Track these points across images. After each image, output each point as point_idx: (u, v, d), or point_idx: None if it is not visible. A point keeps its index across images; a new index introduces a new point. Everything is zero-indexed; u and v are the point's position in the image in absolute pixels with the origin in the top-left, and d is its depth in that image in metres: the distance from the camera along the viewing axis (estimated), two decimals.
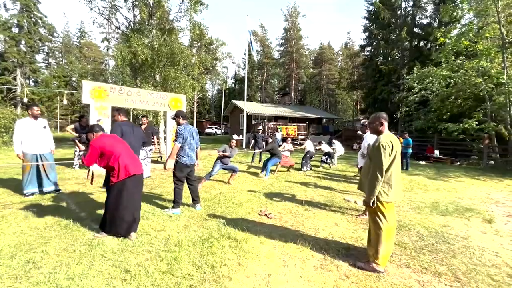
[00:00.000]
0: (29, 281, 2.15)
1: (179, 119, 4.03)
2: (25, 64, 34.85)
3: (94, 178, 3.72)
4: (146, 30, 13.46)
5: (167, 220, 3.69)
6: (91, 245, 2.83)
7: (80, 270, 2.33)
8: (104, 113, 7.54)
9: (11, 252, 2.62)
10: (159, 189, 5.51)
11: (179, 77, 13.38)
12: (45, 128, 4.93)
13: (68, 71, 41.70)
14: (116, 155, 2.91)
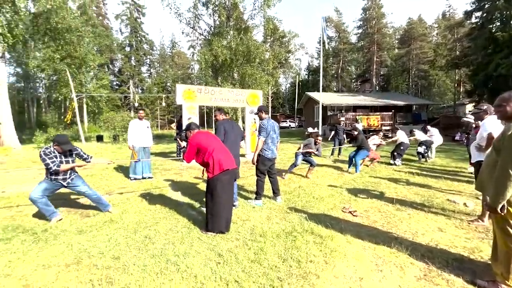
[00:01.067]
0: (147, 253, 2.61)
1: (262, 113, 4.14)
2: (134, 76, 42.84)
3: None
4: (225, 32, 14.41)
5: (251, 211, 3.88)
6: (189, 228, 3.24)
7: (183, 249, 2.69)
8: (193, 112, 8.51)
9: (134, 228, 3.25)
10: (241, 180, 5.86)
11: (255, 73, 13.87)
12: (148, 128, 6.09)
13: (164, 78, 49.10)
14: (210, 151, 3.10)
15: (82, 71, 20.41)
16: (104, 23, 40.26)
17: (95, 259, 2.50)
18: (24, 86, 34.82)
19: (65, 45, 16.26)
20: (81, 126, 20.03)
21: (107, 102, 31.28)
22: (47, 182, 3.35)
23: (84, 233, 3.09)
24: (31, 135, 17.53)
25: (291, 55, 43.59)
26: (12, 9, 11.62)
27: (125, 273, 2.26)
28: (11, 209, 3.97)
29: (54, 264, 2.41)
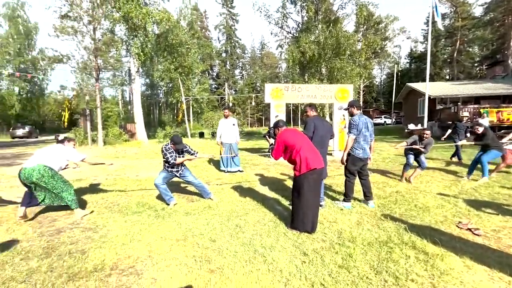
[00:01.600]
0: (238, 241, 2.85)
1: (353, 109, 3.83)
2: (229, 79, 47.46)
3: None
4: (313, 26, 14.05)
5: (338, 213, 3.66)
6: (275, 222, 3.35)
7: (270, 242, 2.80)
8: (281, 110, 8.71)
9: (227, 215, 3.61)
10: (328, 179, 5.61)
11: (345, 66, 12.96)
12: (233, 125, 6.63)
13: (254, 78, 52.33)
14: (297, 148, 3.08)
15: (189, 78, 24.14)
16: (206, 34, 46.28)
17: (197, 238, 2.92)
18: (150, 93, 44.08)
19: (177, 57, 19.59)
20: (188, 124, 23.72)
21: (207, 104, 35.88)
22: (165, 172, 4.03)
23: (189, 215, 3.66)
24: (154, 132, 22.08)
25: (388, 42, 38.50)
26: (144, 33, 14.86)
27: (220, 255, 2.54)
28: (142, 190, 5.11)
29: (169, 237, 2.95)
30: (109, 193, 4.82)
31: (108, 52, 13.88)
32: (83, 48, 12.76)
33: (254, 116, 52.70)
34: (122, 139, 16.43)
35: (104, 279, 2.17)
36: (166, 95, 35.92)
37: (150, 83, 40.54)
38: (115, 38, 14.95)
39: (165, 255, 2.57)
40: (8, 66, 31.03)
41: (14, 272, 2.27)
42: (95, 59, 13.06)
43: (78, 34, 12.52)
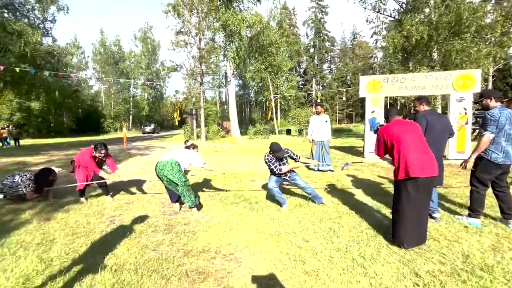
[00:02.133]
0: (332, 245, 2.69)
1: (489, 100, 2.96)
2: (317, 74, 46.11)
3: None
4: (422, 4, 11.87)
5: (461, 230, 2.95)
6: (374, 230, 2.99)
7: (369, 252, 2.51)
8: (378, 104, 7.78)
9: (319, 217, 3.48)
10: (442, 188, 4.63)
11: (468, 47, 10.37)
12: (326, 122, 6.29)
13: (344, 72, 48.98)
14: (399, 148, 2.59)
15: (278, 76, 24.80)
16: (294, 31, 46.31)
17: (290, 235, 2.93)
18: (242, 93, 47.84)
19: (267, 57, 20.40)
20: (276, 121, 24.46)
21: (294, 101, 36.04)
22: (275, 177, 3.87)
23: (280, 211, 3.72)
24: (245, 129, 23.85)
25: None
26: (238, 38, 16.15)
27: (314, 258, 2.46)
28: (237, 182, 5.57)
29: (263, 231, 3.08)
30: (211, 184, 5.48)
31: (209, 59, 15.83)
32: (191, 57, 14.99)
33: (343, 112, 49.45)
34: (219, 135, 18.52)
35: (210, 261, 2.45)
36: (256, 94, 38.14)
37: (242, 83, 43.95)
38: (215, 45, 16.89)
39: (261, 247, 2.68)
40: (141, 77, 39.93)
41: (148, 242, 2.86)
42: (200, 65, 15.13)
43: (188, 45, 14.78)
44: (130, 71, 40.30)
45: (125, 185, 5.38)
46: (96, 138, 24.81)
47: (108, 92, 41.17)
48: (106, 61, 39.35)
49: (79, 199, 4.36)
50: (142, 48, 41.26)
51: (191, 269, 2.30)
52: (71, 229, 3.22)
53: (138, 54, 41.15)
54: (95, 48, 39.94)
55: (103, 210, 3.96)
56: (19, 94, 15.45)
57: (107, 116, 37.95)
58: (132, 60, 41.12)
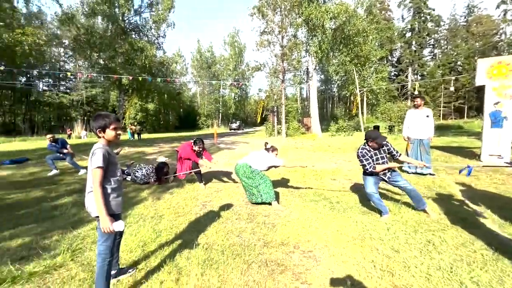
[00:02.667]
0: (431, 262, 2.28)
1: None
2: (414, 62, 39.69)
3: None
4: None
5: None
6: (495, 253, 2.36)
7: (487, 279, 2.01)
8: (505, 93, 6.08)
9: (414, 226, 3.01)
10: None
11: None
12: (427, 117, 5.29)
13: (453, 56, 40.31)
14: None
15: (365, 68, 22.61)
16: (386, 15, 41.05)
17: (375, 242, 2.66)
18: (324, 88, 45.99)
19: (353, 48, 18.87)
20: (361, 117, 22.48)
21: (385, 94, 32.13)
22: (372, 177, 3.35)
23: (365, 214, 3.41)
24: (327, 125, 22.89)
25: None
26: (321, 31, 15.54)
27: (406, 272, 2.15)
28: (317, 180, 5.43)
29: (345, 233, 2.90)
30: (289, 180, 5.52)
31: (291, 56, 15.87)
32: (274, 56, 15.40)
33: (449, 105, 40.83)
34: (299, 132, 18.42)
35: (289, 254, 2.49)
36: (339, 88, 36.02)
37: (324, 78, 42.25)
38: (297, 41, 16.79)
39: (341, 250, 2.54)
40: (229, 79, 43.82)
41: (232, 228, 3.14)
42: (281, 63, 15.38)
43: (271, 44, 15.25)
44: (220, 74, 44.86)
45: (216, 174, 6.05)
46: (193, 133, 28.76)
47: (203, 93, 47.00)
48: (201, 66, 44.96)
49: (179, 183, 5.19)
50: (230, 51, 45.08)
51: (271, 260, 2.39)
52: (174, 209, 3.86)
53: (227, 57, 45.22)
54: (193, 55, 46.22)
55: (198, 195, 4.57)
56: (140, 98, 19.91)
57: (202, 114, 43.54)
58: (221, 64, 45.58)
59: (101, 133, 1.87)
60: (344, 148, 10.33)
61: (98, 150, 1.81)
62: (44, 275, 2.20)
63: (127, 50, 13.51)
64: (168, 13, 14.52)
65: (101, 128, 1.86)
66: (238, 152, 9.95)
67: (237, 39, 45.27)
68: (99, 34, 13.14)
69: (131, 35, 14.26)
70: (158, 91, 17.29)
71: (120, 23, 13.55)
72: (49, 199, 4.49)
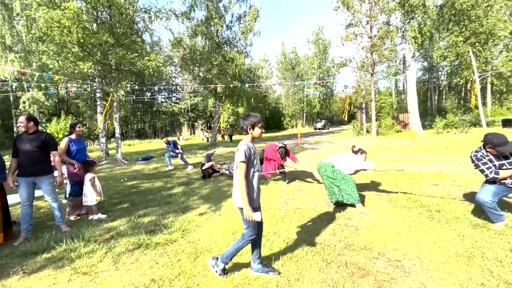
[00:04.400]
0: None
1: None
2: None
3: None
4: None
5: None
6: None
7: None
8: None
9: None
10: None
11: None
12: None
13: None
14: None
15: (488, 47, 17.84)
16: None
17: (489, 263, 2.19)
18: (428, 77, 38.89)
19: (469, 24, 15.25)
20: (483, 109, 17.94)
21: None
22: (494, 186, 2.76)
23: (477, 228, 2.82)
24: (431, 121, 19.33)
25: None
26: (422, 10, 13.28)
27: None
28: (413, 184, 4.77)
29: (445, 246, 2.50)
30: (378, 182, 5.06)
31: (382, 45, 14.23)
32: (361, 49, 14.22)
33: None
34: (394, 130, 16.32)
35: (372, 260, 2.37)
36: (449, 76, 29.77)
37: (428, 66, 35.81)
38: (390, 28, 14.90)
39: (439, 265, 2.22)
40: (313, 77, 43.01)
41: (312, 226, 3.19)
42: (371, 55, 14.02)
43: (358, 37, 14.13)
44: (304, 73, 44.58)
45: (298, 174, 6.18)
46: (278, 134, 29.74)
47: (287, 94, 47.84)
48: (286, 68, 45.85)
49: (264, 181, 5.59)
50: (315, 49, 44.14)
51: (351, 262, 2.34)
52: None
53: (311, 56, 44.49)
54: (277, 59, 47.70)
55: (280, 193, 4.82)
56: (232, 103, 22.29)
57: (286, 115, 44.41)
58: (305, 63, 45.19)
59: (251, 130, 2.11)
60: (454, 148, 8.56)
61: (241, 146, 2.04)
62: (164, 246, 2.87)
63: (221, 62, 15.29)
64: (254, 23, 15.62)
65: (252, 126, 2.10)
66: (322, 152, 9.75)
67: (322, 35, 43.90)
68: (199, 51, 15.41)
69: (224, 47, 16.08)
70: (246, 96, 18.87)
71: (215, 38, 15.48)
72: (166, 188, 5.71)
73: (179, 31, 16.13)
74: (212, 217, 3.75)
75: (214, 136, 17.59)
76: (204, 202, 4.56)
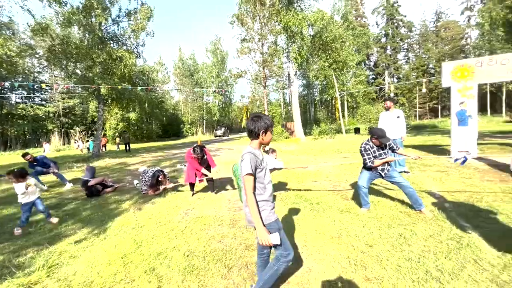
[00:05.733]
0: (401, 254, 2.42)
1: None
2: (390, 66, 41.49)
3: None
4: None
5: None
6: (459, 242, 2.55)
7: (450, 266, 2.17)
8: (469, 94, 6.54)
9: (388, 222, 3.17)
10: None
11: None
12: (398, 118, 5.62)
13: (425, 59, 42.58)
14: None
15: (344, 73, 23.40)
16: (362, 22, 42.82)
17: (351, 239, 2.78)
18: (307, 92, 46.96)
19: (331, 53, 19.52)
20: (343, 120, 23.12)
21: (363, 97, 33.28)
22: (369, 172, 3.50)
23: (344, 213, 3.55)
24: (310, 129, 23.35)
25: None
26: (300, 38, 16.00)
27: (378, 264, 2.28)
28: (299, 183, 5.55)
29: (323, 232, 3.01)
30: (273, 183, 5.61)
31: (272, 62, 16.17)
32: (254, 63, 15.63)
33: (425, 106, 42.94)
34: (283, 136, 18.67)
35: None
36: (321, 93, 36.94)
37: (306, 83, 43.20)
38: (277, 48, 17.16)
39: (319, 248, 2.64)
40: (212, 86, 43.79)
41: (214, 233, 3.17)
42: (263, 69, 15.64)
43: (252, 51, 15.49)
44: (203, 81, 44.71)
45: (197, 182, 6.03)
46: (177, 142, 28.35)
47: (186, 101, 46.54)
48: (184, 74, 44.66)
49: (166, 193, 5.14)
50: (213, 58, 45.17)
51: (251, 262, 2.45)
52: (155, 218, 3.83)
53: (210, 64, 45.23)
54: (175, 63, 45.87)
55: (180, 204, 4.55)
56: (121, 107, 19.52)
57: (186, 122, 43.04)
58: (204, 71, 45.50)
59: (264, 134, 1.78)
60: (326, 151, 10.60)
61: (246, 155, 1.70)
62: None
63: (105, 59, 13.21)
64: (147, 22, 14.41)
65: (265, 129, 1.77)
66: (223, 159, 9.96)
67: (219, 46, 45.51)
68: (75, 44, 12.79)
69: (109, 44, 14.00)
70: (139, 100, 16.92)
71: (98, 32, 13.26)
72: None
73: (44, 15, 12.83)
74: (94, 242, 3.11)
75: (97, 146, 14.88)
76: (83, 226, 3.73)
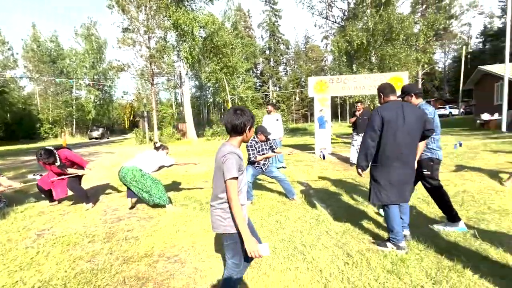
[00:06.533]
0: (278, 237, 2.80)
1: (410, 97, 2.76)
2: (273, 76, 47.40)
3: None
4: (360, 12, 13.05)
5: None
6: (318, 220, 3.20)
7: (311, 240, 2.68)
8: (326, 104, 8.33)
9: (268, 211, 3.59)
10: None
11: (398, 53, 11.74)
12: (277, 121, 6.55)
13: (299, 74, 51.28)
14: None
15: (234, 77, 24.84)
16: (250, 33, 46.93)
17: None
18: (199, 94, 46.79)
19: (222, 58, 20.31)
20: None
21: (252, 101, 36.48)
22: (252, 169, 3.87)
23: None
24: (203, 130, 23.38)
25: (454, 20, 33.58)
26: (191, 38, 15.78)
27: None
28: (189, 183, 5.43)
29: (210, 229, 3.04)
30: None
31: (161, 59, 15.14)
32: (140, 57, 14.15)
33: (299, 112, 51.72)
34: (174, 138, 17.81)
35: (152, 265, 2.35)
36: (213, 95, 37.69)
37: (199, 84, 43.02)
38: (167, 45, 16.24)
39: (207, 246, 2.66)
40: (85, 78, 36.35)
41: (82, 253, 2.62)
42: (150, 65, 14.38)
43: (136, 44, 13.94)
44: (71, 71, 36.34)
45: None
46: (32, 145, 21.78)
47: (45, 94, 36.54)
48: (41, 59, 34.92)
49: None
50: (86, 45, 37.55)
51: (130, 276, 2.18)
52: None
53: (81, 52, 37.33)
54: (25, 44, 35.15)
55: (31, 224, 3.50)
56: None
57: (45, 121, 33.53)
58: (73, 59, 37.14)
59: (249, 130, 1.59)
60: None
61: (229, 155, 1.47)
62: None
63: None
64: None
65: (251, 124, 1.58)
66: (104, 164, 8.43)
67: (95, 32, 38.38)
68: None
69: None
70: None
71: None
72: None
73: None
74: None
75: None
76: None
